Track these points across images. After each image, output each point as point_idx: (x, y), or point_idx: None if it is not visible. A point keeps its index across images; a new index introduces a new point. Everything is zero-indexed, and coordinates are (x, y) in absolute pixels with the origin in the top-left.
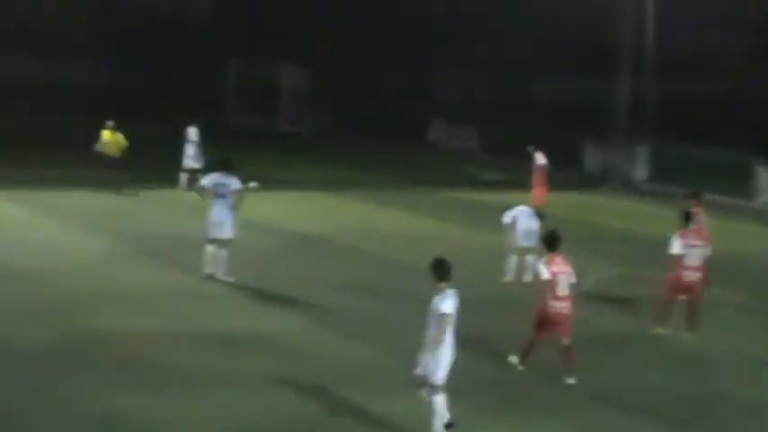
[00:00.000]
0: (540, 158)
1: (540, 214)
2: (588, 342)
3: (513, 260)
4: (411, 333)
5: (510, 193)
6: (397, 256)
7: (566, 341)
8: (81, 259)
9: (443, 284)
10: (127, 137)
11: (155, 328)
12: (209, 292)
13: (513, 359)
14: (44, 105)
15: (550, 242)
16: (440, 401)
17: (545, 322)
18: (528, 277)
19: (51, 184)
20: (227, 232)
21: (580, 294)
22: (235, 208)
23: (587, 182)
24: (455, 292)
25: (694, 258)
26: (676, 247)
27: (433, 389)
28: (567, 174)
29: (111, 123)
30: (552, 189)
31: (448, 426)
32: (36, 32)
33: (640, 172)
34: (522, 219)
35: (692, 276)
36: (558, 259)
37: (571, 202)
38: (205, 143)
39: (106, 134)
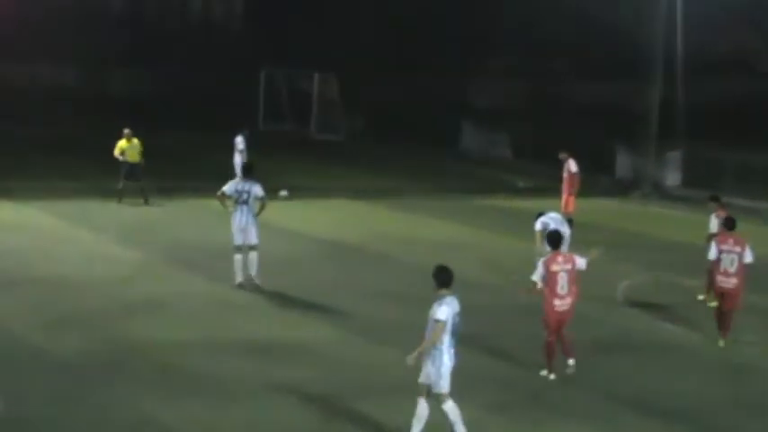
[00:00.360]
0: (573, 166)
1: (569, 220)
2: (621, 348)
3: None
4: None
5: (544, 199)
6: (430, 264)
7: (564, 334)
8: (114, 269)
9: (443, 291)
10: (142, 142)
11: (187, 337)
12: (240, 300)
13: (544, 372)
14: (78, 115)
15: (553, 241)
16: (451, 408)
17: (551, 321)
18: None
19: (84, 194)
20: (252, 238)
21: (612, 300)
22: (256, 215)
23: (619, 188)
24: (454, 299)
25: (728, 264)
26: (712, 252)
27: (441, 398)
28: (598, 180)
29: (127, 131)
30: (584, 195)
31: None
32: (71, 43)
33: (672, 177)
34: (553, 225)
35: (726, 283)
36: (560, 258)
37: (602, 208)
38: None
39: (123, 142)
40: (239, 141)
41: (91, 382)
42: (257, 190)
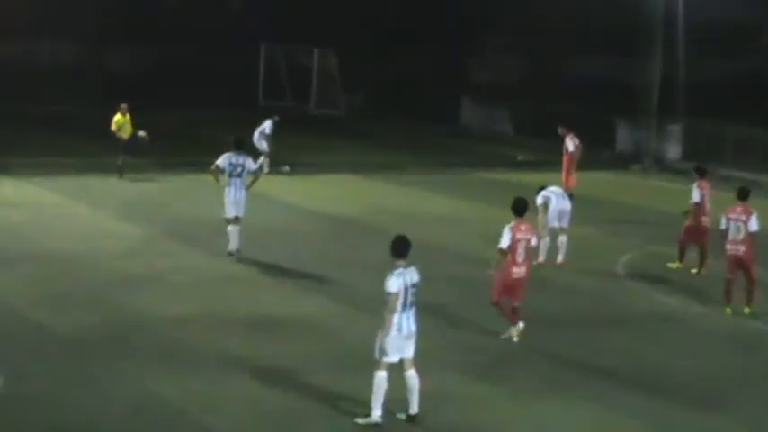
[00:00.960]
0: (570, 144)
1: (569, 195)
2: (622, 322)
3: (546, 241)
4: (441, 313)
5: (543, 173)
6: (430, 238)
7: (516, 304)
8: (114, 244)
9: (399, 262)
10: (131, 117)
11: (189, 312)
12: (241, 274)
13: (506, 335)
14: (77, 92)
15: (518, 208)
16: (376, 379)
17: (505, 286)
18: (561, 258)
19: (83, 170)
20: (242, 210)
21: (613, 274)
22: (247, 188)
23: (619, 161)
24: (409, 270)
25: (735, 233)
26: (723, 222)
27: (377, 364)
28: (599, 153)
29: (124, 106)
30: (584, 169)
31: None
32: (70, 20)
33: (673, 151)
34: (555, 199)
35: (736, 251)
36: (524, 226)
37: (603, 181)
38: (236, 127)
39: (118, 117)
40: (268, 126)
41: (92, 357)
42: (250, 164)
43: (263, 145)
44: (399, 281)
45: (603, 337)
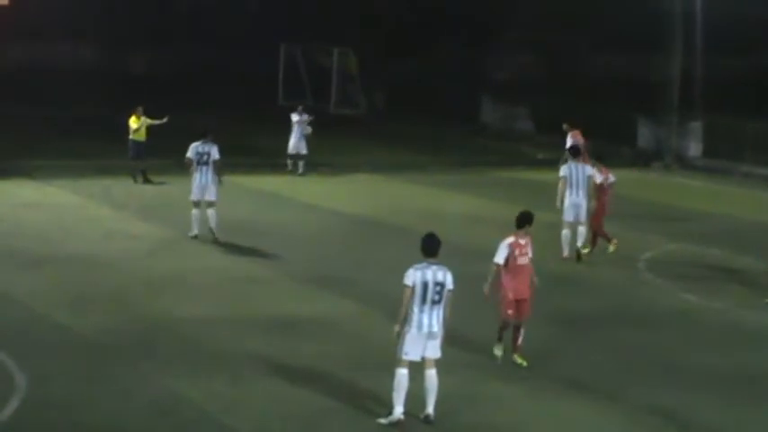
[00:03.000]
0: (572, 139)
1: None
2: (643, 319)
3: (566, 234)
4: (459, 311)
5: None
6: (452, 238)
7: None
8: (136, 246)
9: (427, 259)
10: (152, 117)
11: (211, 313)
12: (263, 275)
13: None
14: (97, 95)
15: (518, 221)
16: (397, 376)
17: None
18: (580, 243)
19: (104, 172)
20: (210, 194)
21: (635, 271)
22: (218, 174)
23: (640, 158)
24: (431, 266)
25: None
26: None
27: (397, 361)
28: (619, 151)
29: (140, 109)
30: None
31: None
32: (92, 22)
33: (694, 148)
34: (573, 175)
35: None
36: (523, 240)
37: (624, 179)
38: (258, 128)
39: (133, 120)
40: (299, 121)
41: (115, 359)
42: (215, 152)
43: (302, 146)
44: (417, 274)
45: (625, 334)
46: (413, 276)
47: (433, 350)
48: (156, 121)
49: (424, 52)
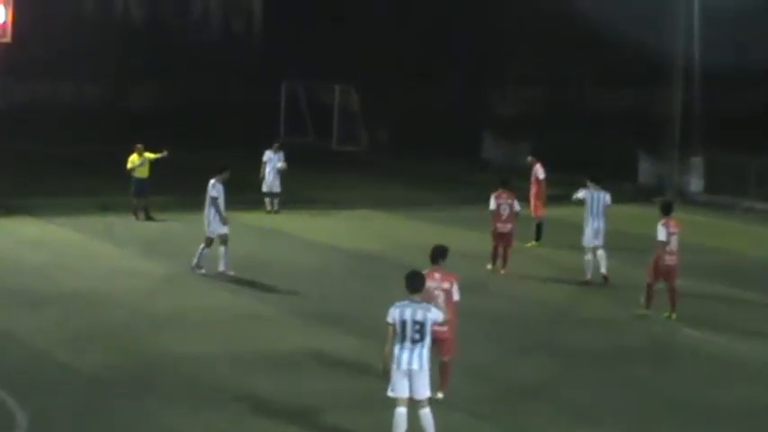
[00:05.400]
0: (540, 172)
1: (538, 224)
2: (645, 354)
3: (588, 260)
4: (471, 350)
5: (568, 207)
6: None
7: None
8: (138, 283)
9: (412, 297)
10: (154, 151)
11: (213, 351)
12: (266, 312)
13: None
14: (98, 131)
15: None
16: (394, 415)
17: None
18: (604, 270)
19: (106, 209)
20: (215, 228)
21: (637, 306)
22: (218, 212)
23: (642, 194)
24: (411, 304)
25: (674, 245)
26: (662, 234)
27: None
28: (621, 186)
29: (140, 146)
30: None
31: None
32: (93, 59)
33: (695, 183)
34: (592, 204)
35: (671, 261)
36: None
37: (625, 214)
38: (258, 164)
39: (134, 157)
40: (273, 158)
41: (117, 397)
42: (210, 187)
43: (276, 184)
44: (395, 312)
45: (627, 369)
46: (393, 314)
47: (420, 389)
48: (158, 155)
49: (425, 88)
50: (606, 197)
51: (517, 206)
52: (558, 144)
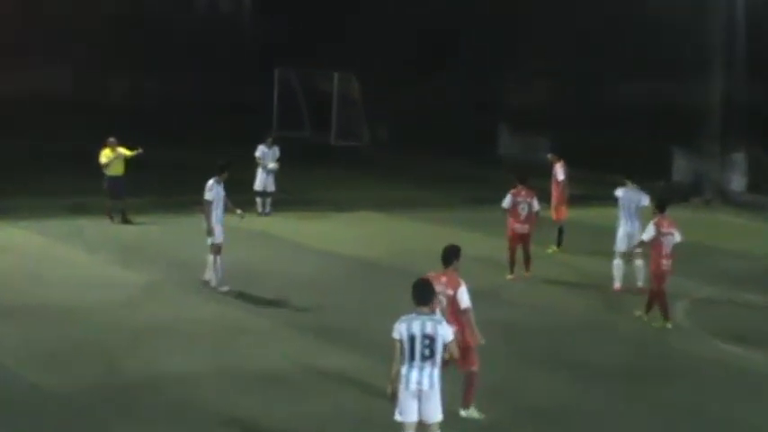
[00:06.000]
0: (560, 173)
1: (559, 228)
2: (681, 373)
3: (618, 264)
4: (483, 366)
5: (594, 208)
6: (468, 283)
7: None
8: (114, 293)
9: (420, 309)
10: (129, 148)
11: (198, 368)
12: (255, 325)
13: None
14: (70, 125)
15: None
16: None
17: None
18: (641, 283)
19: (77, 212)
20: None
21: (672, 320)
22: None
23: (677, 194)
24: (423, 317)
25: (668, 247)
26: (648, 232)
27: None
28: (653, 185)
29: (112, 140)
30: None
31: None
32: (68, 46)
33: (737, 182)
34: (625, 205)
35: (666, 265)
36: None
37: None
38: (249, 162)
39: (107, 152)
40: (266, 155)
41: (91, 418)
42: (206, 190)
43: (270, 183)
44: (402, 327)
45: (660, 388)
46: (399, 329)
47: (431, 412)
48: (132, 153)
49: (434, 78)
50: (643, 199)
51: (536, 205)
52: (583, 139)
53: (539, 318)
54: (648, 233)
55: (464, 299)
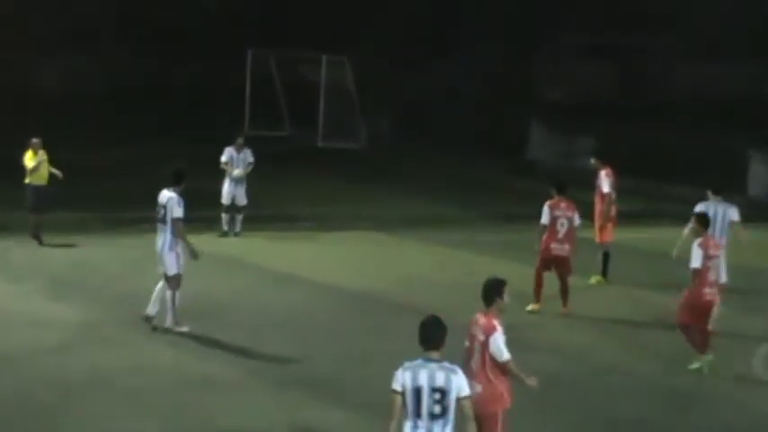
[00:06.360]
0: (604, 184)
1: (605, 253)
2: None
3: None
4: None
5: (647, 227)
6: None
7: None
8: (44, 335)
9: (428, 354)
10: (51, 162)
11: (149, 429)
12: (224, 375)
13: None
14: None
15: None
16: None
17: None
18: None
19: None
20: (167, 267)
21: (747, 372)
22: (178, 238)
23: (756, 210)
24: (432, 365)
25: (714, 273)
26: (697, 259)
27: None
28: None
29: (36, 141)
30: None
31: None
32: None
33: None
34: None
35: (710, 295)
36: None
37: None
38: (214, 167)
39: (29, 156)
40: (234, 158)
41: None
42: (174, 206)
43: (240, 195)
44: (405, 377)
45: None
46: (401, 378)
47: None
48: (54, 171)
49: (447, 61)
50: (732, 212)
51: (578, 220)
52: (635, 140)
53: (580, 367)
54: (696, 259)
55: (499, 348)
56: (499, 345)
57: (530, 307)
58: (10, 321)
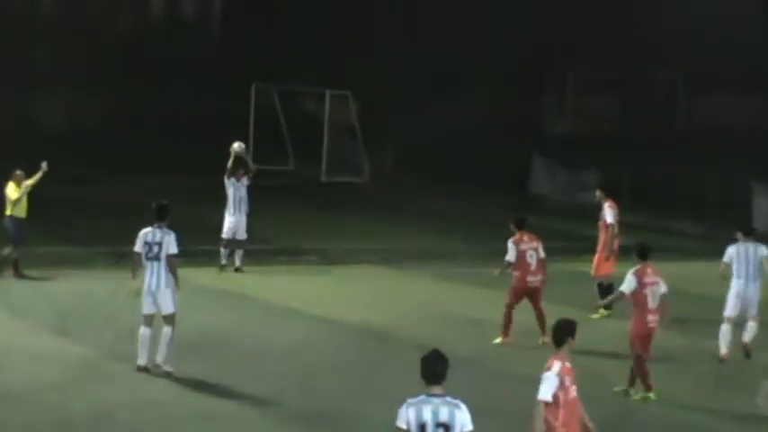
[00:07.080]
0: (608, 214)
1: (609, 285)
2: None
3: (726, 330)
4: None
5: (659, 262)
6: (493, 357)
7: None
8: (45, 370)
9: (431, 389)
10: (30, 176)
11: None
12: (227, 411)
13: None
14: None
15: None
16: None
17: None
18: (747, 338)
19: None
20: (167, 306)
21: (754, 409)
22: (174, 275)
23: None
24: (436, 401)
25: (654, 301)
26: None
27: None
28: (730, 234)
29: (19, 173)
30: (708, 258)
31: None
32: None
33: None
34: (735, 263)
35: (653, 322)
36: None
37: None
38: (216, 200)
39: (12, 188)
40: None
41: None
42: (170, 243)
43: (241, 229)
44: (409, 413)
45: None
46: (405, 415)
47: None
48: (36, 176)
49: (451, 96)
50: (762, 250)
51: (542, 252)
52: (640, 173)
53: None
54: (629, 284)
55: (542, 386)
56: (543, 383)
57: (498, 340)
58: (9, 355)
